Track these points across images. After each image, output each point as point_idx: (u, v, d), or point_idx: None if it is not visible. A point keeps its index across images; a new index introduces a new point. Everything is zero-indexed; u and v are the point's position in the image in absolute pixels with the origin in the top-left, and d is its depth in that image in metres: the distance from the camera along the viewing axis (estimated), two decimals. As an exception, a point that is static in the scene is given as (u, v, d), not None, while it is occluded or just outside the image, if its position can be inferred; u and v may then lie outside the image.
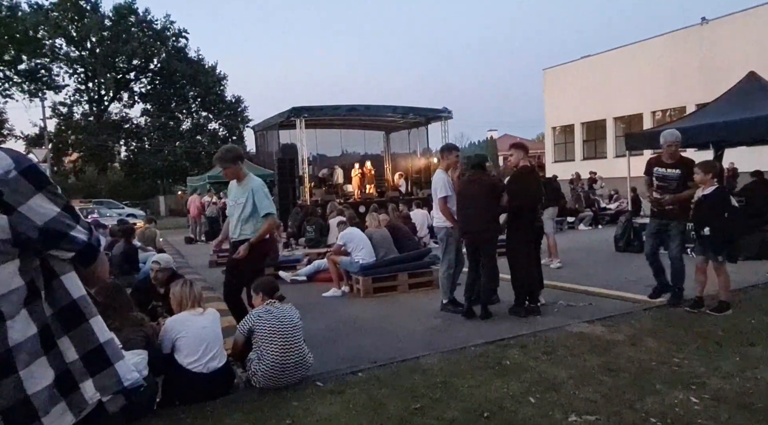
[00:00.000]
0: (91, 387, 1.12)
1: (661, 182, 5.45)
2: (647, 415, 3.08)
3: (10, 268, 1.02)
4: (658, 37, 24.52)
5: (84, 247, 1.13)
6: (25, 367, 1.02)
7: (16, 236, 1.01)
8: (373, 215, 8.20)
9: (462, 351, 4.36)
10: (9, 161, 1.04)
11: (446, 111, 17.50)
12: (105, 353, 1.15)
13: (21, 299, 1.03)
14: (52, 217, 1.07)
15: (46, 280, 1.09)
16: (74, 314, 1.12)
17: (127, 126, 38.55)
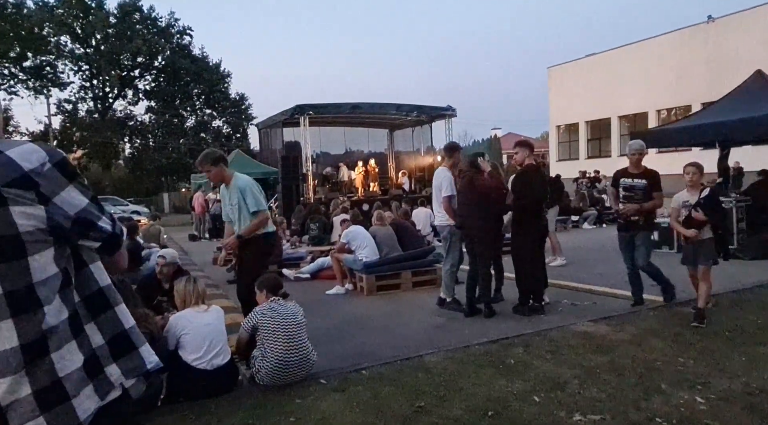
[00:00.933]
0: (116, 370, 1.17)
1: (628, 192, 5.36)
2: (652, 415, 3.06)
3: (47, 256, 1.07)
4: (664, 35, 24.42)
5: (109, 236, 1.20)
6: (56, 350, 1.07)
7: (51, 225, 1.07)
8: (379, 212, 8.18)
9: (465, 350, 4.35)
10: (43, 154, 1.09)
11: (450, 109, 17.47)
12: (129, 338, 1.21)
13: (56, 286, 1.08)
14: (82, 207, 1.13)
15: (76, 268, 1.15)
16: (101, 302, 1.18)
17: (131, 123, 38.64)
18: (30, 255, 1.05)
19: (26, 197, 1.04)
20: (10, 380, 1.03)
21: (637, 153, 5.40)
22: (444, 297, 5.91)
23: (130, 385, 1.19)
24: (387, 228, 7.62)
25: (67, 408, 1.08)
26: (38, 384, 1.05)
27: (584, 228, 14.00)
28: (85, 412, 1.10)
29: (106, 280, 1.20)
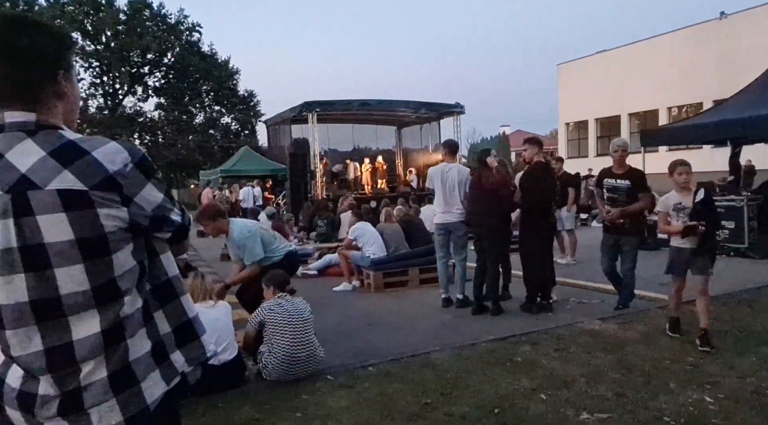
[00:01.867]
0: (180, 358, 1.22)
1: (612, 193, 5.17)
2: (660, 414, 3.04)
3: (127, 251, 1.13)
4: (675, 31, 24.17)
5: (179, 227, 1.24)
6: (130, 336, 1.14)
7: (131, 224, 1.12)
8: (386, 209, 8.18)
9: (473, 347, 4.34)
10: (126, 154, 1.12)
11: (458, 106, 17.43)
12: (193, 327, 1.27)
13: (134, 278, 1.15)
14: (158, 204, 1.17)
15: (149, 259, 1.20)
16: (169, 291, 1.23)
17: (141, 120, 38.83)
18: (113, 253, 1.10)
19: (111, 199, 1.08)
20: (93, 363, 1.10)
21: (619, 150, 5.20)
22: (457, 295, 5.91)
23: (188, 371, 1.24)
24: (395, 225, 7.63)
25: (136, 391, 1.14)
26: (112, 367, 1.11)
27: (593, 226, 13.91)
28: (151, 396, 1.16)
29: (174, 270, 1.26)
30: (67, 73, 1.18)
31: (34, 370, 1.10)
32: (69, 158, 1.08)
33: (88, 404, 1.10)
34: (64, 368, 1.09)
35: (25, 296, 1.07)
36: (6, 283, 1.07)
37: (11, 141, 1.09)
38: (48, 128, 1.12)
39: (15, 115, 1.11)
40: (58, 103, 1.16)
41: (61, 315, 1.08)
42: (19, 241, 1.05)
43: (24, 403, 1.12)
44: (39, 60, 1.13)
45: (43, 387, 1.10)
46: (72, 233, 1.05)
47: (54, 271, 1.06)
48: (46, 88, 1.14)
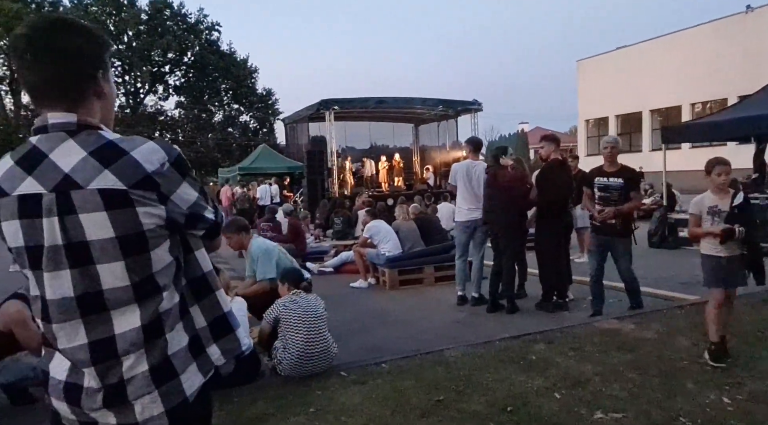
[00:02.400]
0: (216, 351, 1.26)
1: (603, 192, 4.94)
2: (676, 414, 3.00)
3: (164, 247, 1.16)
4: (699, 26, 23.67)
5: (213, 225, 1.27)
6: (169, 331, 1.17)
7: (168, 221, 1.15)
8: (402, 207, 8.18)
9: (487, 345, 4.33)
10: (163, 154, 1.15)
11: (476, 103, 17.29)
12: (228, 321, 1.30)
13: (171, 273, 1.18)
14: (194, 201, 1.20)
15: (184, 255, 1.24)
16: (204, 286, 1.26)
17: (161, 118, 39.46)
18: (151, 249, 1.14)
19: (149, 197, 1.11)
20: (134, 356, 1.14)
21: (609, 146, 5.01)
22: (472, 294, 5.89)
23: (222, 364, 1.27)
24: (410, 223, 7.63)
25: (176, 383, 1.17)
26: (153, 361, 1.15)
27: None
28: (190, 388, 1.19)
29: (208, 266, 1.29)
30: (106, 73, 1.21)
31: (80, 362, 1.14)
32: (109, 158, 1.11)
33: (131, 396, 1.14)
34: (106, 360, 1.13)
35: (70, 292, 1.11)
36: (53, 279, 1.12)
37: (54, 142, 1.13)
38: (89, 128, 1.15)
39: (57, 116, 1.14)
40: (97, 103, 1.19)
41: (104, 309, 1.13)
42: (64, 239, 1.10)
43: (71, 395, 1.16)
44: (80, 60, 1.16)
45: (87, 380, 1.14)
46: (113, 230, 1.09)
47: (97, 267, 1.11)
48: (87, 88, 1.17)
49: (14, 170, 1.13)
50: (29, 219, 1.11)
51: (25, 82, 1.16)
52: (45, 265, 1.11)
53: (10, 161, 1.15)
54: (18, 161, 1.14)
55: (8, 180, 1.13)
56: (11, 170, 1.14)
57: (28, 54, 1.12)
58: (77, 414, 1.18)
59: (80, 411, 1.16)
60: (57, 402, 1.20)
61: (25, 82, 1.16)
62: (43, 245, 1.11)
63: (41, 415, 3.41)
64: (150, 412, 1.16)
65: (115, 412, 1.15)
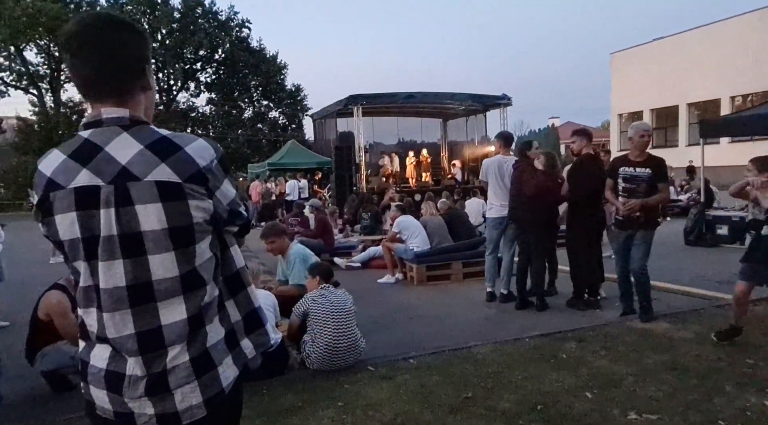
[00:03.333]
0: (249, 344, 1.30)
1: (629, 183, 4.65)
2: (715, 417, 2.91)
3: (206, 242, 1.21)
4: (742, 15, 22.73)
5: (245, 221, 1.32)
6: (209, 323, 1.21)
7: (213, 216, 1.20)
8: (428, 202, 8.15)
9: (516, 343, 4.27)
10: (212, 151, 1.21)
11: (505, 98, 17.06)
12: (259, 316, 1.34)
13: (212, 268, 1.22)
14: (232, 198, 1.25)
15: (221, 251, 1.27)
16: (238, 282, 1.30)
17: (193, 115, 40.14)
18: (196, 243, 1.18)
19: (200, 191, 1.16)
20: (179, 347, 1.18)
21: (646, 134, 4.71)
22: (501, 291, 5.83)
23: (252, 357, 1.31)
24: (438, 218, 7.59)
25: (214, 374, 1.21)
26: (194, 352, 1.19)
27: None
28: (226, 380, 1.23)
29: (241, 262, 1.32)
30: (149, 67, 1.26)
31: (127, 351, 1.17)
32: (165, 152, 1.15)
33: (173, 385, 1.17)
34: (153, 350, 1.17)
35: (123, 281, 1.14)
36: (107, 268, 1.15)
37: (109, 135, 1.16)
38: (140, 123, 1.19)
39: (111, 110, 1.17)
40: (143, 96, 1.23)
41: (152, 300, 1.16)
42: (119, 229, 1.13)
43: (112, 383, 1.18)
44: (129, 55, 1.19)
45: (130, 368, 1.17)
46: (165, 222, 1.13)
47: (148, 258, 1.14)
48: (135, 81, 1.21)
49: (68, 163, 1.16)
50: (86, 211, 1.14)
51: (76, 76, 1.19)
52: (100, 255, 1.14)
53: (62, 155, 1.17)
54: (71, 155, 1.16)
55: (63, 173, 1.15)
56: (64, 163, 1.16)
57: (79, 48, 1.16)
58: (115, 403, 1.20)
59: (120, 399, 1.19)
60: (96, 390, 1.22)
61: (76, 76, 1.19)
62: (99, 235, 1.14)
63: (80, 401, 3.53)
64: (189, 401, 1.19)
65: (155, 401, 1.18)
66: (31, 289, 5.62)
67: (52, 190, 1.16)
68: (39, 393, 3.74)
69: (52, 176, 1.16)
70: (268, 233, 4.96)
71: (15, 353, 4.08)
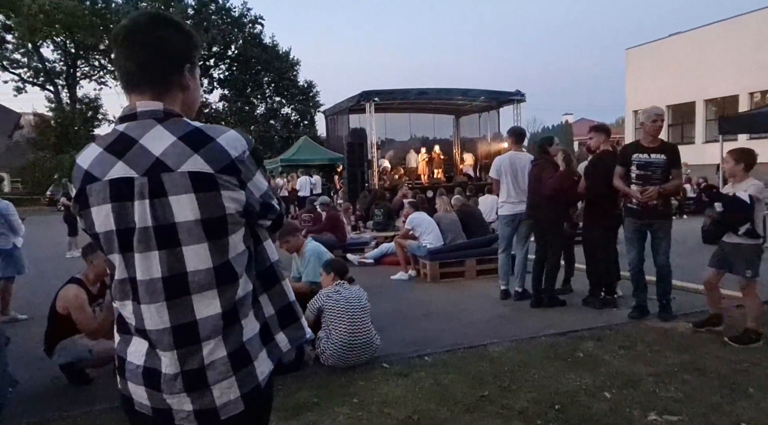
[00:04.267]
0: (283, 338, 1.29)
1: (644, 170, 4.50)
2: (738, 419, 2.85)
3: (239, 235, 1.20)
4: (761, 10, 22.28)
5: (278, 215, 1.31)
6: (243, 318, 1.21)
7: (245, 208, 1.19)
8: (442, 198, 8.09)
9: (532, 341, 4.23)
10: (244, 142, 1.20)
11: (519, 94, 16.91)
12: (294, 309, 1.33)
13: (244, 262, 1.21)
14: (265, 191, 1.25)
15: (254, 245, 1.26)
16: (272, 276, 1.30)
17: (206, 111, 40.38)
18: (230, 235, 1.17)
19: (232, 182, 1.15)
20: (214, 342, 1.17)
21: (660, 119, 4.55)
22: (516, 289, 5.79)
23: (286, 352, 1.30)
24: (452, 215, 7.54)
25: (251, 369, 1.21)
26: (231, 347, 1.18)
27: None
28: (262, 374, 1.23)
29: (275, 256, 1.31)
30: (193, 68, 1.26)
31: (163, 346, 1.16)
32: (198, 143, 1.15)
33: (211, 381, 1.17)
34: (188, 345, 1.16)
35: (158, 273, 1.14)
36: (143, 260, 1.15)
37: (144, 128, 1.17)
38: (174, 116, 1.19)
39: (146, 104, 1.19)
40: (181, 95, 1.24)
41: (186, 293, 1.15)
42: (154, 221, 1.13)
43: (150, 379, 1.18)
44: (170, 51, 1.21)
45: (165, 364, 1.17)
46: (199, 212, 1.13)
47: (182, 249, 1.14)
48: (174, 79, 1.22)
49: (104, 156, 1.17)
50: (121, 203, 1.15)
51: (120, 68, 1.21)
52: (136, 247, 1.15)
53: (99, 148, 1.19)
54: (107, 148, 1.18)
55: (99, 166, 1.17)
56: (101, 156, 1.18)
57: (123, 42, 1.19)
58: (153, 399, 1.20)
59: (158, 395, 1.19)
60: (134, 386, 1.22)
61: (120, 68, 1.21)
62: (134, 227, 1.14)
63: (96, 394, 3.56)
64: (227, 397, 1.18)
65: (194, 397, 1.17)
66: (49, 283, 5.69)
67: (88, 182, 1.17)
68: (57, 385, 3.78)
69: (89, 169, 1.18)
70: (282, 234, 4.92)
71: (34, 345, 4.13)
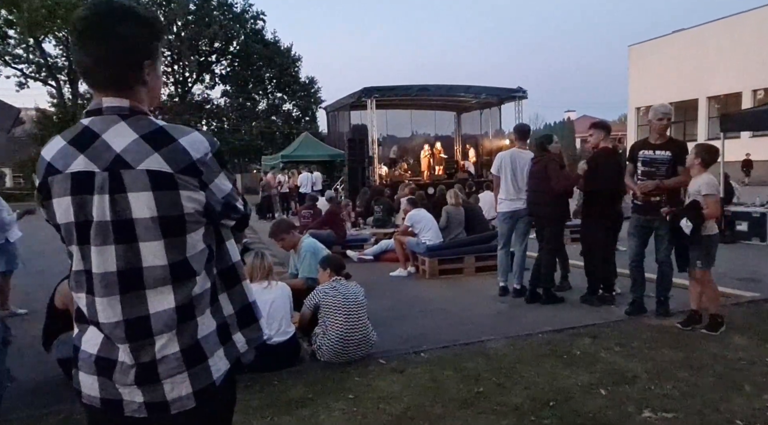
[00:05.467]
0: (241, 338, 1.31)
1: (648, 167, 4.55)
2: (732, 416, 2.85)
3: (199, 234, 1.22)
4: (765, 6, 22.19)
5: (242, 216, 1.33)
6: (200, 315, 1.22)
7: (206, 208, 1.21)
8: (452, 191, 8.02)
9: (528, 338, 4.23)
10: (207, 144, 1.22)
11: (521, 91, 16.88)
12: (252, 310, 1.35)
13: (203, 260, 1.23)
14: (228, 192, 1.26)
15: (217, 245, 1.29)
16: (233, 275, 1.32)
17: (208, 107, 40.40)
18: (188, 233, 1.19)
19: (192, 183, 1.17)
20: (167, 337, 1.18)
21: (666, 118, 4.59)
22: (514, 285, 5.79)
23: (244, 352, 1.31)
24: (461, 209, 7.57)
25: (205, 366, 1.22)
26: (185, 342, 1.19)
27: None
28: (217, 372, 1.24)
29: (237, 257, 1.33)
30: (153, 62, 1.25)
31: (116, 339, 1.18)
32: (159, 142, 1.16)
33: (162, 375, 1.18)
34: (141, 339, 1.17)
35: (114, 266, 1.16)
36: (99, 253, 1.16)
37: (108, 123, 1.18)
38: (140, 114, 1.20)
39: (112, 100, 1.19)
40: (143, 90, 1.23)
41: (141, 288, 1.16)
42: (112, 215, 1.15)
43: (103, 368, 1.20)
44: (129, 47, 1.19)
45: (122, 355, 1.18)
46: (156, 210, 1.14)
47: (139, 244, 1.15)
48: (132, 76, 1.21)
49: (67, 149, 1.18)
50: (81, 196, 1.16)
51: (78, 62, 1.20)
52: (93, 239, 1.16)
53: (63, 141, 1.20)
54: (71, 141, 1.19)
55: (61, 158, 1.18)
56: (64, 149, 1.19)
57: (80, 36, 1.18)
58: (105, 388, 1.21)
59: (110, 385, 1.20)
60: (85, 376, 1.23)
61: (77, 62, 1.20)
62: (92, 221, 1.15)
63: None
64: (179, 392, 1.20)
65: (145, 390, 1.19)
66: (49, 277, 5.70)
67: (50, 174, 1.18)
68: (56, 380, 3.79)
69: (52, 161, 1.19)
70: (276, 232, 4.96)
71: (33, 339, 4.14)
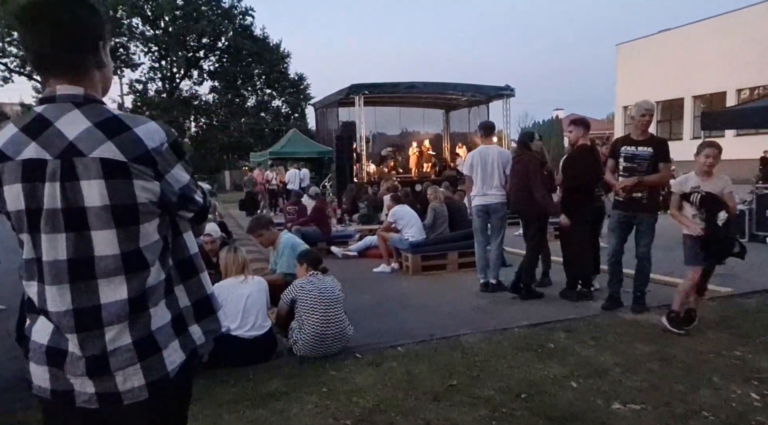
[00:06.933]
0: (198, 330, 1.30)
1: (630, 162, 4.59)
2: (699, 408, 2.90)
3: (153, 225, 1.21)
4: (750, 7, 22.44)
5: (201, 209, 1.33)
6: (153, 306, 1.21)
7: (161, 198, 1.20)
8: (431, 188, 8.05)
9: (505, 332, 4.27)
10: (163, 135, 1.21)
11: (508, 89, 16.96)
12: (210, 302, 1.35)
13: (158, 251, 1.23)
14: (185, 183, 1.26)
15: (173, 236, 1.29)
16: (190, 267, 1.31)
17: (196, 103, 40.05)
18: (141, 223, 1.18)
19: (147, 172, 1.17)
20: (118, 328, 1.17)
21: (647, 114, 4.62)
22: (490, 280, 5.82)
23: (202, 344, 1.31)
24: (443, 206, 7.60)
25: (158, 358, 1.21)
26: (137, 334, 1.18)
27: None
28: (172, 364, 1.23)
29: (195, 249, 1.33)
30: (105, 44, 1.24)
31: (64, 328, 1.16)
32: (113, 130, 1.16)
33: (114, 367, 1.17)
34: (90, 329, 1.16)
35: (64, 254, 1.14)
36: (49, 241, 1.15)
37: (61, 111, 1.17)
38: (94, 102, 1.19)
39: (66, 88, 1.18)
40: (98, 74, 1.23)
41: (92, 277, 1.15)
42: (63, 203, 1.13)
43: (54, 359, 1.18)
44: (85, 31, 1.19)
45: (72, 346, 1.17)
46: (108, 199, 1.13)
47: (91, 233, 1.14)
48: (90, 59, 1.20)
49: (19, 136, 1.17)
50: (32, 183, 1.14)
51: (30, 51, 1.19)
52: (43, 227, 1.15)
53: (14, 128, 1.18)
54: (23, 128, 1.17)
55: (12, 146, 1.16)
56: (16, 136, 1.17)
57: (32, 22, 1.16)
58: (55, 379, 1.19)
59: (61, 375, 1.18)
60: (35, 367, 1.21)
61: (29, 51, 1.19)
62: (43, 208, 1.14)
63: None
64: (131, 383, 1.19)
65: (96, 381, 1.18)
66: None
67: (1, 161, 1.17)
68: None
69: (2, 148, 1.17)
70: (254, 228, 4.95)
71: (6, 335, 4.10)
